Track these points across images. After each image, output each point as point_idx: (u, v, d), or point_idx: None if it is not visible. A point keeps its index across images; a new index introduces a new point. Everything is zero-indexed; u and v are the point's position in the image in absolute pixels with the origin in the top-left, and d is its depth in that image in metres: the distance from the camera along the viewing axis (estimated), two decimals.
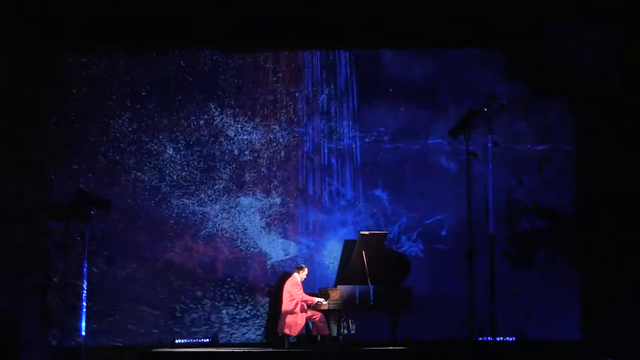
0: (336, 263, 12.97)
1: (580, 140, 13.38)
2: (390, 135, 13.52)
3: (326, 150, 13.55)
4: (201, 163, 13.40)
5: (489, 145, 11.36)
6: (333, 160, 13.54)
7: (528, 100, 13.46)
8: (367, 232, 12.34)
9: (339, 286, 12.04)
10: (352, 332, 12.08)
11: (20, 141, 12.76)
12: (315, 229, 13.44)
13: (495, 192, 11.85)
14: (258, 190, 13.44)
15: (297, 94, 13.56)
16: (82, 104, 13.28)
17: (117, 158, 13.28)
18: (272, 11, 12.89)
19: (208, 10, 12.89)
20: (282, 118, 13.54)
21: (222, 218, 13.35)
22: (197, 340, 12.86)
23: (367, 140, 13.54)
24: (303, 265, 12.73)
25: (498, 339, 11.43)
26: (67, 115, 13.26)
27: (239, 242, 13.34)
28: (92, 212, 11.67)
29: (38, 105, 12.97)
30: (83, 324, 11.38)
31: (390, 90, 13.60)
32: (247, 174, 13.45)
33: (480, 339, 11.46)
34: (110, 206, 11.70)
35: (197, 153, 13.41)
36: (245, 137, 13.49)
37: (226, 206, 13.37)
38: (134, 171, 13.29)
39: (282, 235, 13.40)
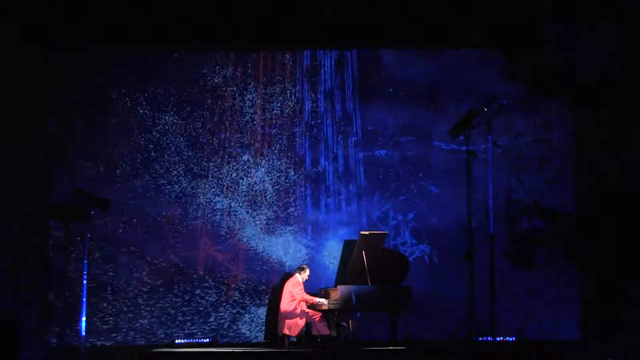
0: (336, 263, 12.97)
1: (580, 140, 13.39)
2: (390, 135, 13.53)
3: (325, 151, 13.56)
4: (201, 164, 13.40)
5: (489, 145, 11.36)
6: (332, 161, 13.55)
7: (528, 100, 13.46)
8: (367, 232, 12.34)
9: (339, 286, 12.04)
10: (352, 332, 12.08)
11: (20, 141, 12.77)
12: (315, 229, 13.44)
13: (495, 192, 11.86)
14: (258, 191, 13.44)
15: (296, 94, 13.56)
16: (82, 104, 13.28)
17: (117, 158, 13.27)
18: (272, 11, 12.90)
19: (208, 10, 12.90)
20: (281, 119, 13.53)
21: (223, 218, 13.35)
22: (197, 340, 12.86)
23: (366, 140, 13.53)
24: (304, 265, 12.73)
25: (498, 339, 11.43)
26: (67, 115, 13.26)
27: (239, 242, 13.34)
28: (92, 212, 11.69)
29: (38, 105, 12.97)
30: (83, 324, 11.39)
31: (390, 90, 13.60)
32: (248, 175, 13.45)
33: (480, 339, 11.46)
34: (110, 206, 11.72)
35: (198, 152, 13.41)
36: (245, 137, 13.49)
37: (227, 206, 13.38)
38: (134, 171, 13.29)
39: (282, 235, 13.40)
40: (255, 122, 13.52)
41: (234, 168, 13.45)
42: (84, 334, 11.50)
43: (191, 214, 13.31)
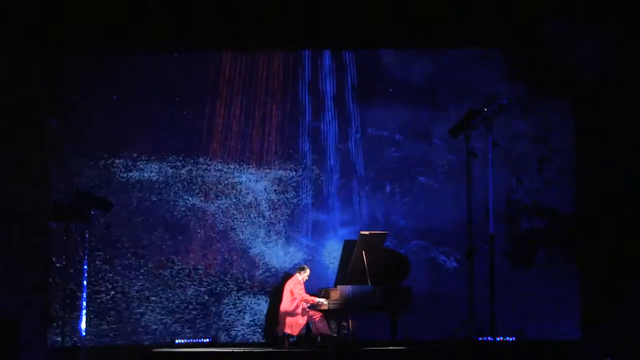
0: (336, 263, 12.97)
1: (580, 140, 13.39)
2: (390, 135, 13.52)
3: (325, 151, 13.56)
4: (201, 164, 13.40)
5: (489, 145, 11.36)
6: (333, 161, 13.54)
7: (528, 100, 13.47)
8: (367, 232, 12.33)
9: (338, 286, 12.04)
10: (352, 332, 12.08)
11: (20, 141, 12.77)
12: (315, 229, 13.44)
13: (495, 192, 11.86)
14: (258, 190, 13.45)
15: (297, 94, 13.57)
16: (82, 104, 13.28)
17: (117, 158, 13.28)
18: (272, 10, 12.91)
19: (208, 10, 12.91)
20: (281, 119, 13.53)
21: (223, 218, 13.35)
22: (197, 340, 12.86)
23: (366, 140, 13.53)
24: (305, 265, 12.73)
25: (498, 339, 11.43)
26: (67, 115, 13.26)
27: (239, 242, 13.35)
28: (92, 212, 11.70)
29: (38, 105, 12.97)
30: (83, 324, 11.39)
31: (390, 90, 13.60)
32: (248, 175, 13.45)
33: (480, 339, 11.46)
34: (110, 206, 11.73)
35: (198, 152, 13.41)
36: (245, 138, 13.49)
37: (227, 206, 13.38)
38: (134, 171, 13.30)
39: (282, 235, 13.40)
40: (255, 122, 13.52)
41: (234, 167, 13.45)
42: (84, 334, 11.50)
43: (191, 214, 13.31)
